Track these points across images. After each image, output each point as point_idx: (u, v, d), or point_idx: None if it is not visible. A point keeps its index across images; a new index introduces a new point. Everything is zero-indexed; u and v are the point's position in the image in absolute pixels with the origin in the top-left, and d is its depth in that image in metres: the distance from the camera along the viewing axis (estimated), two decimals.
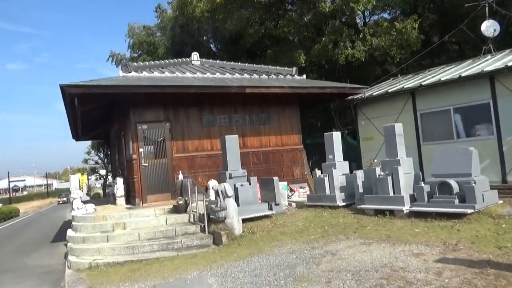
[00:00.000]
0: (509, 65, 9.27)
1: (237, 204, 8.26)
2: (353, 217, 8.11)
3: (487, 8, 12.98)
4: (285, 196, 10.22)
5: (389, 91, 11.84)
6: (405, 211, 7.54)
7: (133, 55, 27.70)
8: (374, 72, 19.59)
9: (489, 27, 12.64)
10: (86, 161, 40.62)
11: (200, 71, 12.16)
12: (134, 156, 10.76)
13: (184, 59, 13.87)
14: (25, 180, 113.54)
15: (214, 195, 9.24)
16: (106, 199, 18.49)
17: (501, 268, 4.40)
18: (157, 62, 12.51)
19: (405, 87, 11.45)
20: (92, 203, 11.19)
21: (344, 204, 9.10)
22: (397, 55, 15.49)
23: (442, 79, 10.55)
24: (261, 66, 13.76)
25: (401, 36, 15.35)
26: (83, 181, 32.69)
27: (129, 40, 28.60)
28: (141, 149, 10.87)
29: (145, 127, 10.99)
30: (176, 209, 9.28)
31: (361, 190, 8.88)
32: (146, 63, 12.13)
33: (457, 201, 6.90)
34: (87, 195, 29.10)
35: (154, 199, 10.91)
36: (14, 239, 15.47)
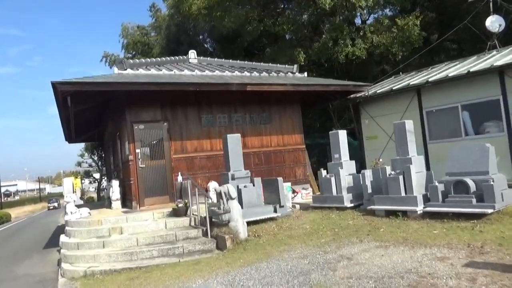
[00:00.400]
0: None
1: (241, 206, 7.83)
2: (363, 219, 7.71)
3: (491, 3, 12.71)
4: (289, 197, 9.80)
5: (394, 88, 11.49)
6: (418, 212, 7.16)
7: (127, 55, 27.18)
8: (373, 71, 19.29)
9: (494, 23, 12.39)
10: (79, 164, 39.86)
11: (198, 69, 11.74)
12: (130, 157, 10.29)
13: (181, 57, 13.44)
14: (17, 184, 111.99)
15: (216, 197, 8.81)
16: (100, 202, 17.95)
17: None
18: (153, 59, 12.07)
19: (411, 84, 11.11)
20: (86, 207, 10.69)
21: (352, 205, 8.70)
22: (398, 52, 15.17)
23: (450, 75, 10.22)
24: (261, 64, 13.36)
25: (402, 33, 15.05)
26: (76, 184, 32.04)
27: (122, 40, 28.11)
28: (138, 150, 10.40)
29: (141, 127, 10.53)
30: (175, 213, 8.83)
31: (369, 190, 8.50)
32: (142, 60, 11.67)
33: (474, 201, 6.53)
34: (80, 199, 28.53)
35: (151, 202, 10.44)
36: (4, 246, 14.87)
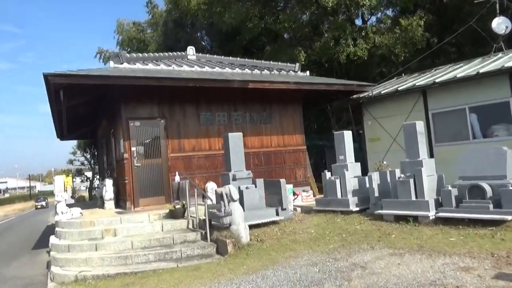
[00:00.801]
0: None
1: (242, 208, 7.42)
2: (371, 224, 7.35)
3: (498, 4, 12.47)
4: (291, 200, 9.41)
5: (399, 89, 11.17)
6: (430, 217, 6.81)
7: (122, 52, 26.61)
8: (373, 72, 19.00)
9: (500, 24, 12.13)
10: (71, 162, 39.05)
11: (197, 65, 11.32)
12: (125, 155, 9.84)
13: (179, 53, 12.99)
14: (7, 182, 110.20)
15: (215, 198, 8.40)
16: (92, 202, 17.43)
17: None
18: (151, 54, 11.63)
19: (417, 84, 10.81)
20: (77, 206, 10.21)
21: (357, 209, 8.34)
22: (401, 53, 14.88)
23: (458, 76, 9.92)
24: (262, 61, 12.99)
25: (405, 34, 14.76)
26: (67, 183, 31.36)
27: (118, 36, 27.54)
28: (133, 148, 9.95)
29: (137, 124, 10.08)
30: (172, 214, 8.39)
31: (376, 194, 8.14)
32: (139, 55, 11.22)
33: (491, 207, 6.19)
34: (71, 197, 27.87)
35: (146, 202, 9.99)
36: None
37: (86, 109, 13.11)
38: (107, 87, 9.79)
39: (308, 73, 12.79)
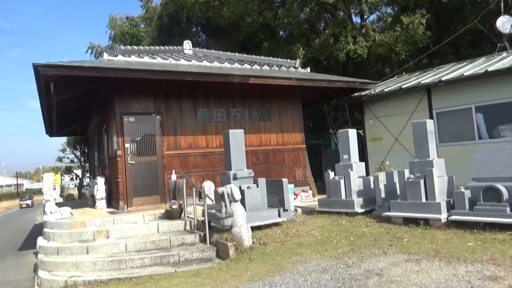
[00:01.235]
0: None
1: (244, 209, 7.02)
2: (379, 226, 7.00)
3: (503, 3, 12.24)
4: (292, 200, 9.04)
5: (403, 87, 10.86)
6: (442, 220, 6.48)
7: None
8: (372, 72, 18.71)
9: (505, 23, 11.92)
10: (60, 159, 38.15)
11: (195, 59, 10.88)
12: (118, 152, 9.36)
13: (175, 47, 12.54)
14: None
15: (214, 198, 7.99)
16: (82, 201, 16.86)
17: None
18: (146, 47, 11.15)
19: (422, 82, 10.50)
20: (67, 205, 9.70)
21: (362, 210, 7.99)
22: (402, 51, 14.59)
23: (465, 74, 9.64)
24: (261, 57, 12.58)
25: (406, 32, 14.46)
26: (56, 181, 30.59)
27: (110, 31, 26.89)
28: (127, 145, 9.48)
29: (132, 119, 9.61)
30: (169, 215, 7.96)
31: (383, 195, 7.80)
32: (134, 47, 10.74)
33: (508, 210, 5.89)
34: (60, 196, 27.16)
35: (140, 202, 9.53)
36: None
37: (77, 104, 12.59)
38: (101, 80, 9.31)
39: (308, 69, 12.43)
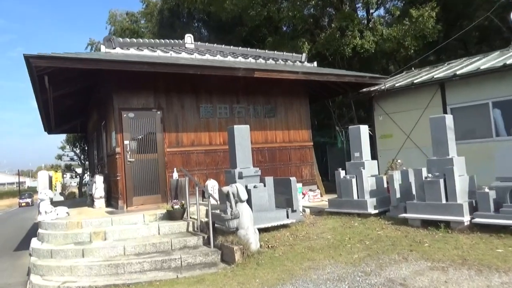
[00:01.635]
0: None
1: (251, 210, 6.56)
2: (395, 229, 6.53)
3: None
4: (301, 200, 8.58)
5: (415, 81, 10.37)
6: (465, 223, 6.02)
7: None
8: (378, 68, 18.21)
9: None
10: (60, 157, 37.72)
11: (197, 53, 10.42)
12: (117, 149, 8.91)
13: (176, 41, 12.06)
14: None
15: (218, 198, 7.53)
16: (81, 199, 16.44)
17: None
18: (146, 40, 10.69)
19: (435, 77, 10.02)
20: (64, 205, 9.26)
21: (376, 211, 7.52)
22: (411, 46, 14.08)
23: (481, 68, 9.15)
24: (266, 51, 12.10)
25: (415, 25, 13.96)
26: (57, 179, 30.16)
27: (110, 27, 26.42)
28: (127, 142, 9.02)
29: (131, 115, 9.15)
30: (170, 215, 7.51)
31: (398, 195, 7.33)
32: (133, 40, 10.28)
33: None
34: (61, 194, 26.73)
35: (141, 201, 9.08)
36: None
37: (75, 100, 12.15)
38: (98, 74, 8.88)
39: (315, 64, 11.95)
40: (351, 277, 4.62)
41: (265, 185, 7.20)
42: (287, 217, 7.28)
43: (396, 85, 10.82)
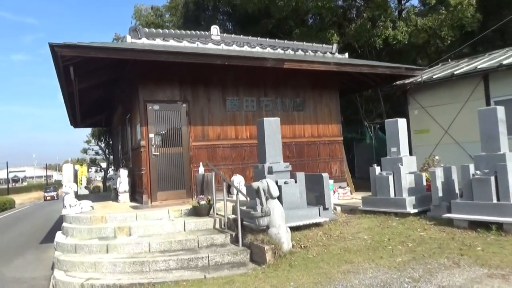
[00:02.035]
0: None
1: (282, 207, 6.16)
2: (439, 230, 6.00)
3: None
4: (332, 198, 8.12)
5: (455, 73, 9.70)
6: None
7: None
8: (409, 60, 17.39)
9: None
10: (85, 151, 38.31)
11: (224, 43, 10.07)
12: (142, 142, 8.68)
13: (202, 33, 11.73)
14: (25, 171, 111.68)
15: (247, 194, 7.17)
16: (106, 194, 16.47)
17: None
18: (172, 31, 10.41)
19: (479, 67, 9.32)
20: (89, 199, 9.12)
21: (415, 211, 6.99)
22: (448, 36, 13.30)
23: None
24: (294, 42, 11.63)
25: (452, 14, 13.16)
26: (82, 173, 30.61)
27: (135, 22, 26.43)
28: (151, 135, 8.78)
29: (156, 107, 8.90)
30: (196, 211, 7.20)
31: (440, 193, 6.78)
32: (159, 30, 10.01)
33: None
34: (86, 188, 27.10)
35: (165, 196, 8.83)
36: None
37: (100, 93, 12.07)
38: (123, 65, 8.68)
39: (346, 55, 11.40)
40: (397, 284, 4.17)
41: (296, 181, 6.78)
42: (319, 215, 6.84)
43: (433, 77, 10.16)
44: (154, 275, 5.44)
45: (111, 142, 24.94)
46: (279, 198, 6.29)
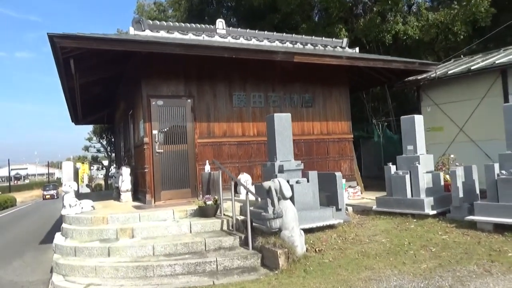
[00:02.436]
0: None
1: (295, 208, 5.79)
2: (462, 234, 5.63)
3: None
4: (345, 198, 7.75)
5: (472, 68, 9.29)
6: None
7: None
8: (420, 56, 16.97)
9: None
10: (87, 148, 37.95)
11: (231, 37, 9.69)
12: (145, 139, 8.32)
13: (207, 26, 11.30)
14: (27, 168, 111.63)
15: (255, 194, 6.79)
16: (107, 192, 16.13)
17: None
18: (176, 24, 10.01)
19: (497, 62, 8.92)
20: (90, 198, 8.78)
21: (434, 212, 6.62)
22: (460, 31, 12.88)
23: None
24: (303, 37, 11.23)
25: (465, 9, 12.74)
26: (84, 170, 30.24)
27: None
28: (155, 131, 8.42)
29: (160, 103, 8.53)
30: (202, 212, 6.84)
31: (461, 194, 6.40)
32: (163, 23, 9.62)
33: None
34: (87, 186, 26.72)
35: (169, 196, 8.48)
36: None
37: (102, 89, 11.70)
38: (126, 58, 8.32)
39: (357, 49, 11.00)
40: None
41: (308, 181, 6.41)
42: (333, 216, 6.48)
43: (449, 72, 9.75)
44: (159, 281, 5.09)
45: (113, 139, 24.60)
46: (291, 198, 5.93)
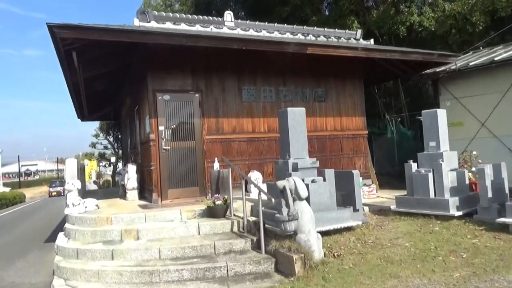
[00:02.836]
0: None
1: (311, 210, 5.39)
2: (494, 237, 5.18)
3: None
4: (362, 198, 7.32)
5: (495, 59, 8.78)
6: None
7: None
8: (436, 49, 16.39)
9: None
10: (94, 145, 37.90)
11: (240, 28, 9.28)
12: (151, 136, 7.97)
13: (215, 18, 10.88)
14: (37, 164, 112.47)
15: (267, 193, 6.40)
16: (114, 189, 15.88)
17: None
18: (183, 15, 9.61)
19: None
20: (96, 195, 8.48)
21: (460, 213, 6.17)
22: (479, 22, 12.31)
23: None
24: (314, 28, 10.76)
25: None
26: (92, 167, 30.12)
27: None
28: (162, 127, 8.06)
29: (167, 97, 8.17)
30: (211, 212, 6.47)
31: (490, 194, 5.94)
32: (170, 14, 9.24)
33: None
34: (94, 183, 26.58)
35: (176, 194, 8.14)
36: (2, 235, 12.88)
37: (107, 84, 11.40)
38: (131, 51, 7.96)
39: (372, 41, 10.51)
40: None
41: (324, 179, 5.99)
42: (351, 218, 6.06)
43: (470, 64, 9.24)
44: (165, 287, 4.74)
45: (119, 136, 24.38)
46: (306, 199, 5.52)
